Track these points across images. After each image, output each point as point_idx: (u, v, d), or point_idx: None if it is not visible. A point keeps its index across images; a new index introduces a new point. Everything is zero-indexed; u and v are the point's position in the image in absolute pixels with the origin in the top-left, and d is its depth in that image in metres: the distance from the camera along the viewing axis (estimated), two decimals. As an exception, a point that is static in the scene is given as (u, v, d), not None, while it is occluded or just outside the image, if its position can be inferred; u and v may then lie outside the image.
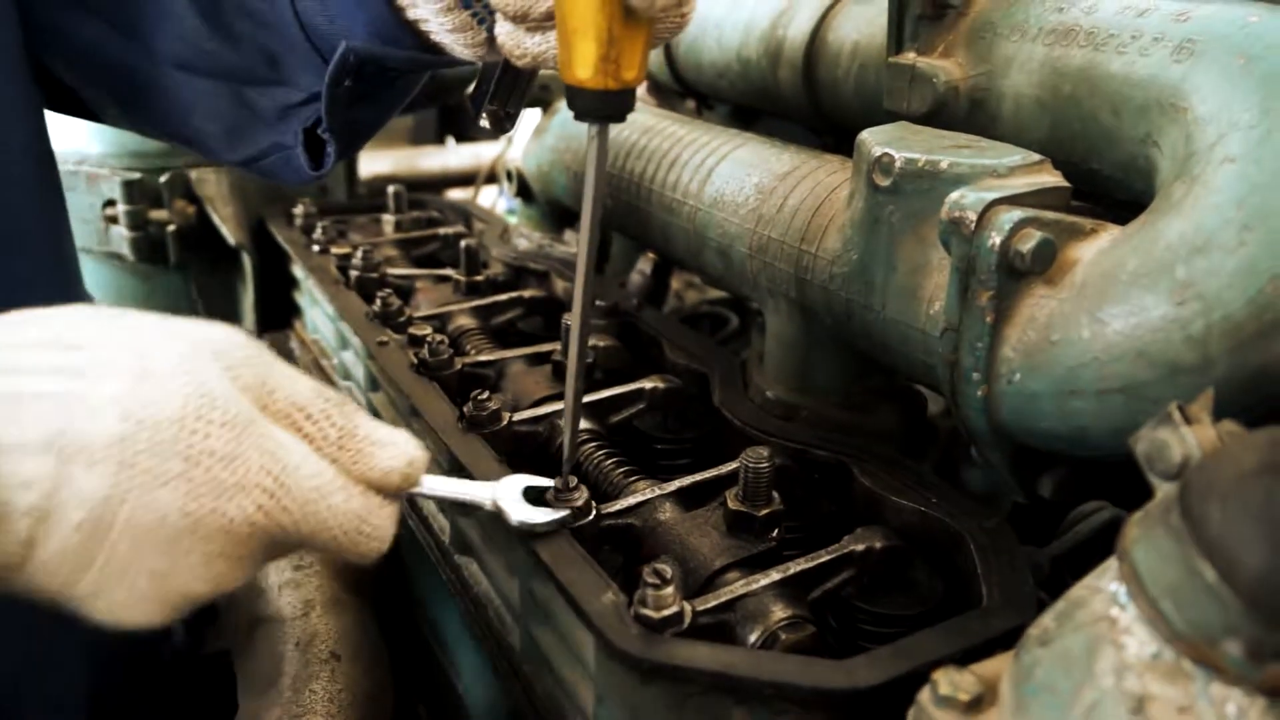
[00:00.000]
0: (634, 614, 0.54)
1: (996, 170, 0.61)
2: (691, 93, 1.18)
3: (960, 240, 0.58)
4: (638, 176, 0.97)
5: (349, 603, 0.87)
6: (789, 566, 0.60)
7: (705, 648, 0.52)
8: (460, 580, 0.79)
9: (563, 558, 0.61)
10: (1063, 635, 0.43)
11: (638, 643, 0.53)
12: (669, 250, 0.95)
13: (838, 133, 0.95)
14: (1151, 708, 0.38)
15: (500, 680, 0.71)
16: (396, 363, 0.92)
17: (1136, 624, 0.40)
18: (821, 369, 0.79)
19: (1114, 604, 0.42)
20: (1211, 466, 0.39)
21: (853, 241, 0.69)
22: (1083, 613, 0.43)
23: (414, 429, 0.88)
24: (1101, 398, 0.54)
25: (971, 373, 0.60)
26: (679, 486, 0.70)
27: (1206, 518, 0.38)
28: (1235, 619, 0.36)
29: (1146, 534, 0.41)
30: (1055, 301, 0.56)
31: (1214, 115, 0.55)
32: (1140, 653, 0.39)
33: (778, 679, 0.50)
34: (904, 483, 0.69)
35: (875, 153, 0.65)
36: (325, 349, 1.24)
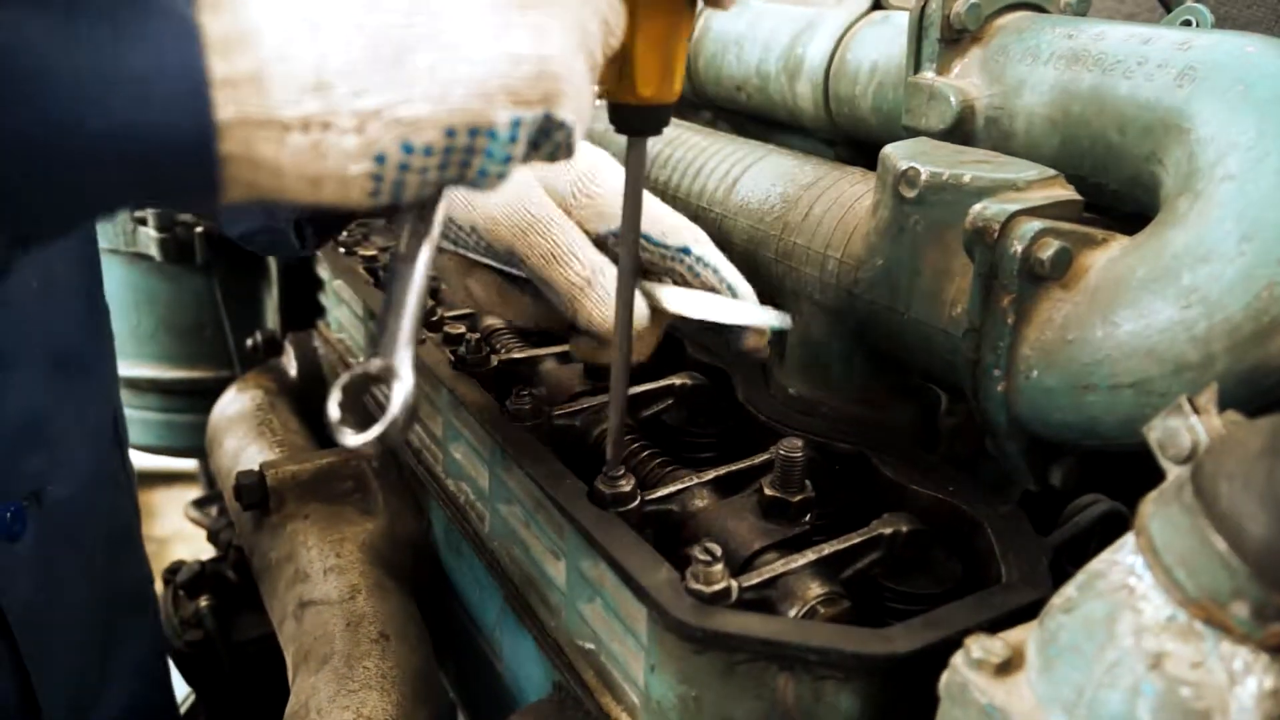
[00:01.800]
0: (687, 588, 0.59)
1: (1015, 184, 0.66)
2: (709, 105, 1.22)
3: (984, 248, 0.63)
4: (663, 185, 1.02)
5: (392, 588, 0.91)
6: (823, 548, 0.65)
7: (755, 617, 0.57)
8: (500, 566, 0.83)
9: (616, 539, 0.65)
10: (1085, 602, 0.48)
11: (692, 614, 0.57)
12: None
13: (853, 145, 0.99)
14: (1167, 663, 0.43)
15: (545, 656, 0.75)
16: (435, 360, 0.96)
17: (1153, 590, 0.45)
18: (841, 367, 0.83)
19: (1131, 574, 0.46)
20: (1222, 450, 0.44)
21: (878, 248, 0.74)
22: (1103, 582, 0.48)
23: (456, 422, 0.92)
24: (1113, 392, 0.59)
25: (993, 369, 0.64)
26: (715, 476, 0.74)
27: (1217, 495, 0.42)
28: (1242, 584, 0.41)
29: (1161, 510, 0.45)
30: (1071, 304, 0.61)
31: (1214, 136, 0.60)
32: (1157, 615, 0.44)
33: (822, 645, 0.54)
34: (922, 473, 0.74)
35: (901, 166, 0.70)
36: (351, 348, 1.28)
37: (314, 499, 1.02)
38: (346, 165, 0.47)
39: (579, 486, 0.71)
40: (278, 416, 1.23)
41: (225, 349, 1.53)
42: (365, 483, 1.04)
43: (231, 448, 1.20)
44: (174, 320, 1.52)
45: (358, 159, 0.47)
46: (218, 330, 1.51)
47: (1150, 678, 0.43)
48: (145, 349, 1.54)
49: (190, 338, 1.52)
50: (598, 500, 0.69)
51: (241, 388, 1.32)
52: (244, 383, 1.33)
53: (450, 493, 0.93)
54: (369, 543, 0.96)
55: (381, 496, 1.03)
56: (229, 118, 0.44)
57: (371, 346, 0.52)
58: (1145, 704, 0.43)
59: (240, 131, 0.44)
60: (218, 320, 1.50)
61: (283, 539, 0.98)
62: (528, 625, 0.78)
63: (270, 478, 1.01)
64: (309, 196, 0.48)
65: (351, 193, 0.48)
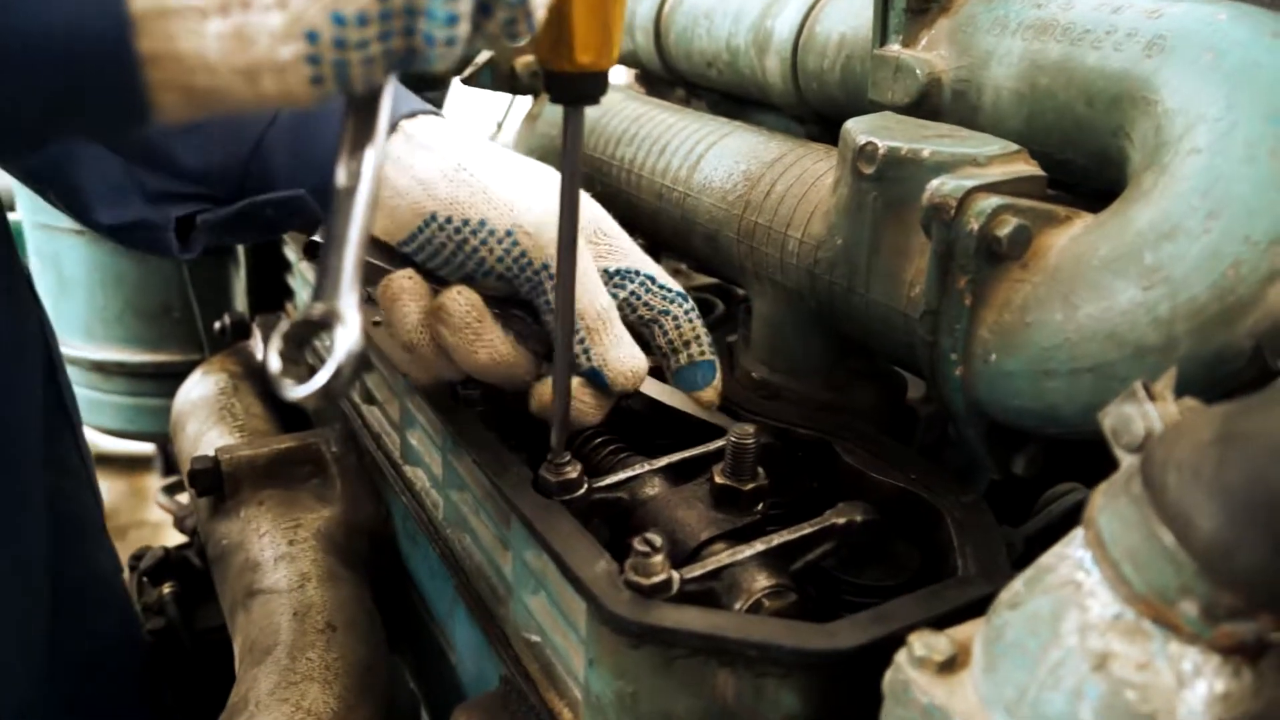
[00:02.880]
0: (625, 580, 0.56)
1: (976, 159, 0.63)
2: (680, 81, 1.19)
3: (941, 225, 0.60)
4: (627, 163, 0.99)
5: (344, 577, 0.89)
6: (772, 538, 0.62)
7: (694, 611, 0.54)
8: (453, 554, 0.81)
9: (557, 528, 0.63)
10: (1032, 598, 0.45)
11: (629, 607, 0.55)
12: (658, 235, 0.97)
13: (823, 122, 0.97)
14: (1113, 664, 0.41)
15: (493, 648, 0.73)
16: (390, 343, 0.93)
17: (1100, 587, 0.43)
18: (805, 351, 0.81)
19: (1080, 569, 0.44)
20: (1170, 438, 0.41)
21: (837, 227, 0.71)
22: (1050, 577, 0.45)
23: (411, 407, 0.90)
24: (1072, 377, 0.56)
25: (950, 353, 0.62)
26: (667, 463, 0.72)
27: (1165, 486, 0.40)
28: (1190, 580, 0.38)
29: (1111, 502, 0.43)
30: (1030, 285, 0.59)
31: (1182, 108, 0.58)
32: (1103, 613, 0.42)
33: (762, 640, 0.52)
34: (885, 459, 0.72)
35: (859, 141, 0.67)
36: (318, 330, 1.25)
37: (270, 485, 1.00)
38: (277, 49, 0.44)
39: (525, 474, 0.69)
40: (241, 400, 1.21)
41: (194, 332, 1.50)
42: (324, 468, 1.02)
43: (193, 432, 1.17)
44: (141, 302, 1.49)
45: (286, 39, 0.44)
46: (186, 312, 1.48)
47: (1094, 679, 0.41)
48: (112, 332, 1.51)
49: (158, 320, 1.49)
50: (542, 489, 0.67)
51: (206, 371, 1.29)
52: (209, 366, 1.31)
53: (407, 479, 0.91)
54: (324, 530, 0.94)
55: (340, 482, 1.00)
56: (143, 8, 0.41)
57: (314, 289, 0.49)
58: (1088, 707, 0.41)
59: (158, 25, 0.42)
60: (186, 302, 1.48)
61: (236, 526, 0.96)
62: (477, 616, 0.76)
63: (225, 463, 0.99)
64: (251, 96, 0.45)
65: (292, 83, 0.45)
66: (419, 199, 0.74)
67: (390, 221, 0.74)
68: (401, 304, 0.73)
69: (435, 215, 0.73)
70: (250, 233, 0.83)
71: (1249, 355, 0.53)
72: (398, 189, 0.74)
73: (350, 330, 0.46)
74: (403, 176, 0.75)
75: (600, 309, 0.74)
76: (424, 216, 0.73)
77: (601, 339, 0.73)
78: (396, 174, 0.75)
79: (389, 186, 0.74)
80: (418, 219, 0.73)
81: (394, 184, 0.74)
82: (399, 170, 0.75)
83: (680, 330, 0.77)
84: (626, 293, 0.76)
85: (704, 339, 0.78)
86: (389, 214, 0.74)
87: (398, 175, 0.75)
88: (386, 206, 0.74)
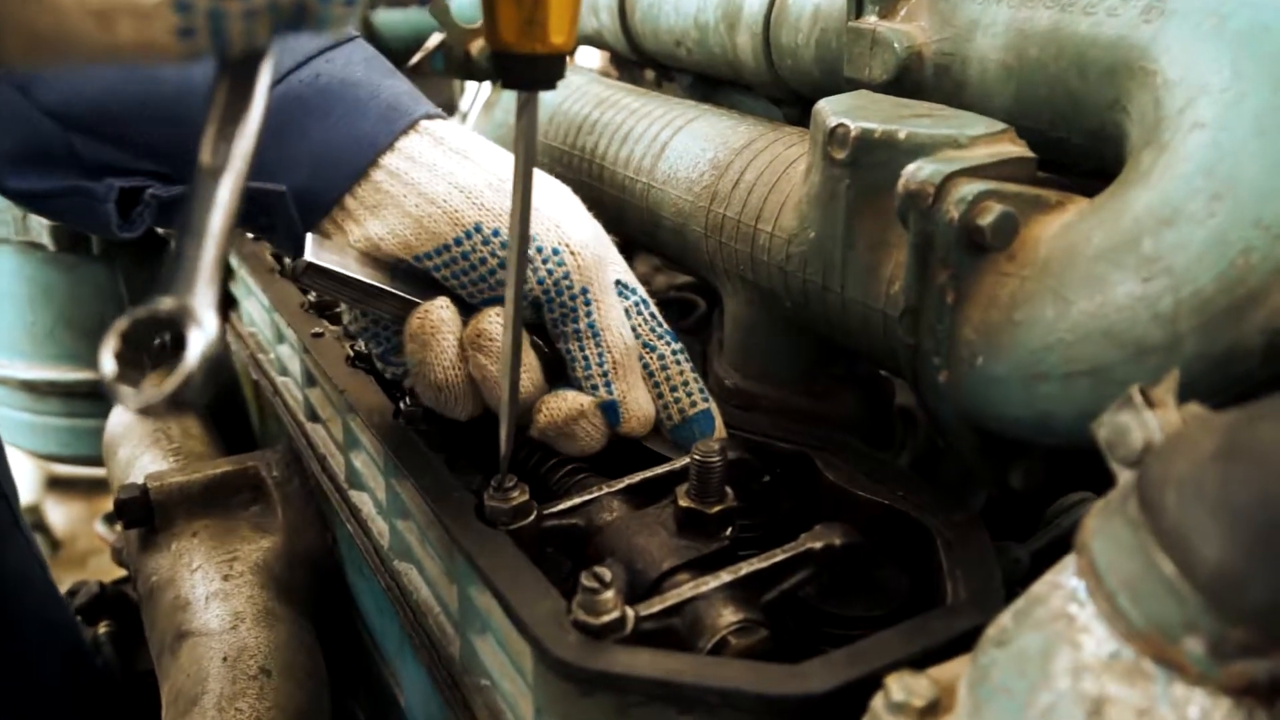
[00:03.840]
0: (572, 621, 0.54)
1: (957, 140, 0.60)
2: (650, 62, 1.17)
3: (918, 215, 0.57)
4: (589, 152, 0.97)
5: (282, 614, 0.86)
6: (740, 567, 0.60)
7: (647, 654, 0.52)
8: (400, 588, 0.78)
9: (500, 562, 0.60)
10: (1020, 634, 0.43)
11: (575, 650, 0.52)
12: (624, 230, 0.94)
13: (801, 103, 0.94)
14: (1109, 711, 0.38)
15: (440, 693, 0.70)
16: (332, 356, 0.91)
17: (1095, 621, 0.40)
18: (781, 355, 0.78)
19: (1073, 600, 0.42)
20: (1169, 452, 0.39)
21: (810, 218, 0.69)
22: (1041, 610, 0.43)
23: (351, 425, 0.88)
24: (1067, 381, 0.54)
25: (932, 356, 0.59)
26: (627, 484, 0.69)
27: (1163, 506, 0.37)
28: (1195, 614, 0.36)
29: (1105, 524, 0.40)
30: (1018, 280, 0.56)
31: (1184, 78, 0.55)
32: (1098, 652, 0.39)
33: (724, 685, 0.49)
34: (869, 475, 0.69)
35: (830, 123, 0.65)
36: (262, 343, 1.23)
37: (205, 514, 0.97)
38: None
39: (468, 501, 0.66)
40: (178, 422, 1.18)
41: (133, 347, 1.47)
42: (264, 494, 1.00)
43: (125, 457, 1.15)
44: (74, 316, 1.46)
45: None
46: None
47: (1089, 729, 0.38)
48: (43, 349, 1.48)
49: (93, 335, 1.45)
50: (487, 517, 0.64)
51: (142, 390, 1.26)
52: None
53: (353, 505, 0.89)
54: (263, 563, 0.91)
55: (281, 510, 0.98)
56: None
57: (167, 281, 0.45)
58: (1081, 760, 0.38)
59: None
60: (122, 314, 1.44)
61: (166, 560, 0.93)
62: (423, 657, 0.73)
63: (155, 491, 0.97)
64: (105, 43, 0.41)
65: (155, 33, 0.41)
66: (459, 208, 0.71)
67: (415, 232, 0.71)
68: (441, 337, 0.71)
69: (480, 226, 0.70)
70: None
71: (1262, 354, 0.51)
72: (431, 196, 0.71)
73: (206, 331, 0.43)
74: (438, 183, 0.71)
75: (627, 343, 0.73)
76: (465, 228, 0.70)
77: (625, 375, 0.73)
78: (429, 180, 0.71)
79: (417, 193, 0.71)
80: (456, 230, 0.70)
81: (426, 191, 0.71)
82: (433, 176, 0.71)
83: (667, 372, 0.76)
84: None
85: (694, 385, 0.76)
86: (415, 223, 0.70)
87: (431, 182, 0.71)
88: (412, 215, 0.70)
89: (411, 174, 0.71)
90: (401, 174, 0.71)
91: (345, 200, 0.72)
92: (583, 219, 0.74)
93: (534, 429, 0.74)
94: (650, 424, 0.75)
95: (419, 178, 0.71)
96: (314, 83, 0.72)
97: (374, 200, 0.71)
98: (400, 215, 0.71)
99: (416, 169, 0.72)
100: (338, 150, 0.71)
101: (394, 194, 0.71)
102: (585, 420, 0.73)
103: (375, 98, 0.73)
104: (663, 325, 0.77)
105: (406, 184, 0.71)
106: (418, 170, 0.72)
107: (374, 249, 0.71)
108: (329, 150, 0.71)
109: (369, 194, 0.71)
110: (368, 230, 0.71)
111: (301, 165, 0.71)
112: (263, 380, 1.17)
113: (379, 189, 0.71)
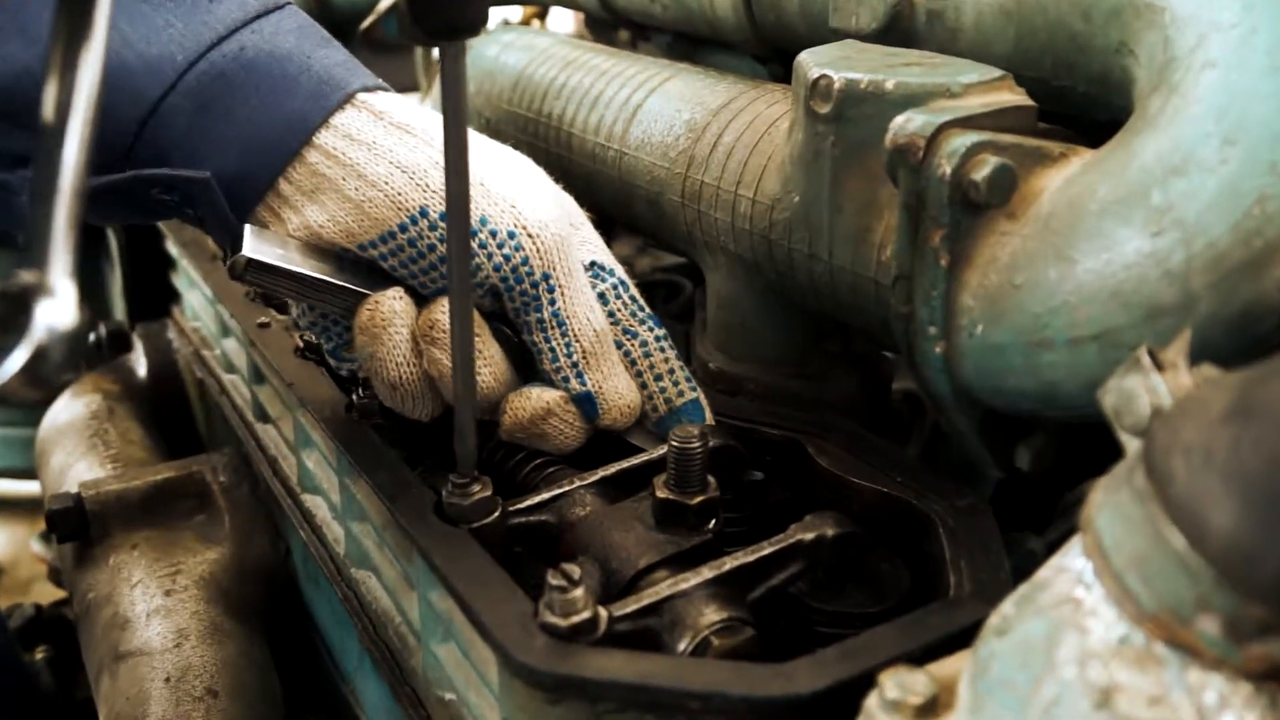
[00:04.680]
0: (540, 624, 0.53)
1: (950, 89, 0.60)
2: (624, 22, 1.16)
3: (908, 171, 0.57)
4: (557, 119, 0.96)
5: (231, 631, 0.86)
6: (724, 562, 0.60)
7: (620, 657, 0.51)
8: (358, 598, 0.78)
9: (461, 562, 0.60)
10: (1022, 622, 0.43)
11: (543, 655, 0.52)
12: (597, 203, 0.94)
13: (786, 61, 0.94)
14: (1119, 700, 0.38)
15: (404, 710, 0.70)
16: (279, 347, 0.90)
17: (1103, 604, 0.40)
18: (768, 333, 0.79)
19: (1079, 583, 0.42)
20: (1176, 416, 0.39)
21: (793, 181, 0.69)
22: (1045, 595, 0.43)
23: (301, 422, 0.87)
24: (1073, 347, 0.53)
25: (927, 326, 0.59)
26: (601, 476, 0.69)
27: (1171, 475, 0.37)
28: (1208, 592, 0.36)
29: (1111, 499, 0.40)
30: (1018, 239, 0.56)
31: (1194, 14, 0.55)
32: (1106, 637, 0.39)
33: (704, 689, 0.49)
34: (867, 461, 0.69)
35: (813, 75, 0.65)
36: (207, 338, 1.22)
37: (145, 524, 0.97)
38: None
39: (427, 498, 0.66)
40: (116, 426, 1.18)
41: (66, 346, 1.46)
42: (210, 501, 0.99)
43: (58, 465, 1.15)
44: None
45: None
46: (55, 324, 1.44)
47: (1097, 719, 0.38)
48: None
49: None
50: (447, 514, 0.64)
51: (77, 392, 1.26)
52: (80, 386, 1.28)
53: (306, 510, 0.88)
54: (209, 576, 0.91)
55: (229, 518, 0.98)
56: None
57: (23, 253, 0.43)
58: (1090, 755, 0.38)
59: None
60: (54, 312, 1.43)
61: (104, 575, 0.93)
62: (384, 671, 0.73)
63: (90, 500, 0.96)
64: None
65: None
66: (402, 190, 0.69)
67: (356, 218, 0.70)
68: (394, 331, 0.70)
69: (426, 210, 0.69)
70: (130, 213, 0.77)
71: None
72: (371, 178, 0.69)
73: (61, 304, 0.42)
74: (378, 163, 0.70)
75: (597, 329, 0.73)
76: (409, 212, 0.69)
77: (599, 364, 0.72)
78: (369, 160, 0.70)
79: (356, 175, 0.70)
80: (400, 215, 0.69)
81: (365, 172, 0.70)
82: (372, 156, 0.70)
83: (650, 359, 0.75)
84: (595, 292, 0.75)
85: (680, 373, 0.76)
86: (355, 209, 0.69)
87: (371, 162, 0.70)
88: (352, 200, 0.69)
89: (349, 154, 0.70)
90: (338, 154, 0.70)
91: (280, 186, 0.71)
92: (543, 197, 0.73)
93: (501, 431, 0.73)
94: (635, 413, 0.75)
95: (357, 157, 0.70)
96: (239, 57, 0.71)
97: (311, 184, 0.70)
98: (340, 200, 0.70)
99: (354, 148, 0.70)
100: (267, 131, 0.70)
101: (331, 177, 0.70)
102: (555, 418, 0.72)
103: (307, 71, 0.71)
104: (644, 309, 0.77)
105: (344, 165, 0.70)
106: (356, 149, 0.70)
107: (315, 238, 0.71)
108: (257, 131, 0.70)
109: (305, 178, 0.70)
110: (307, 218, 0.70)
111: (229, 150, 0.70)
112: (208, 378, 1.17)
113: (315, 172, 0.70)
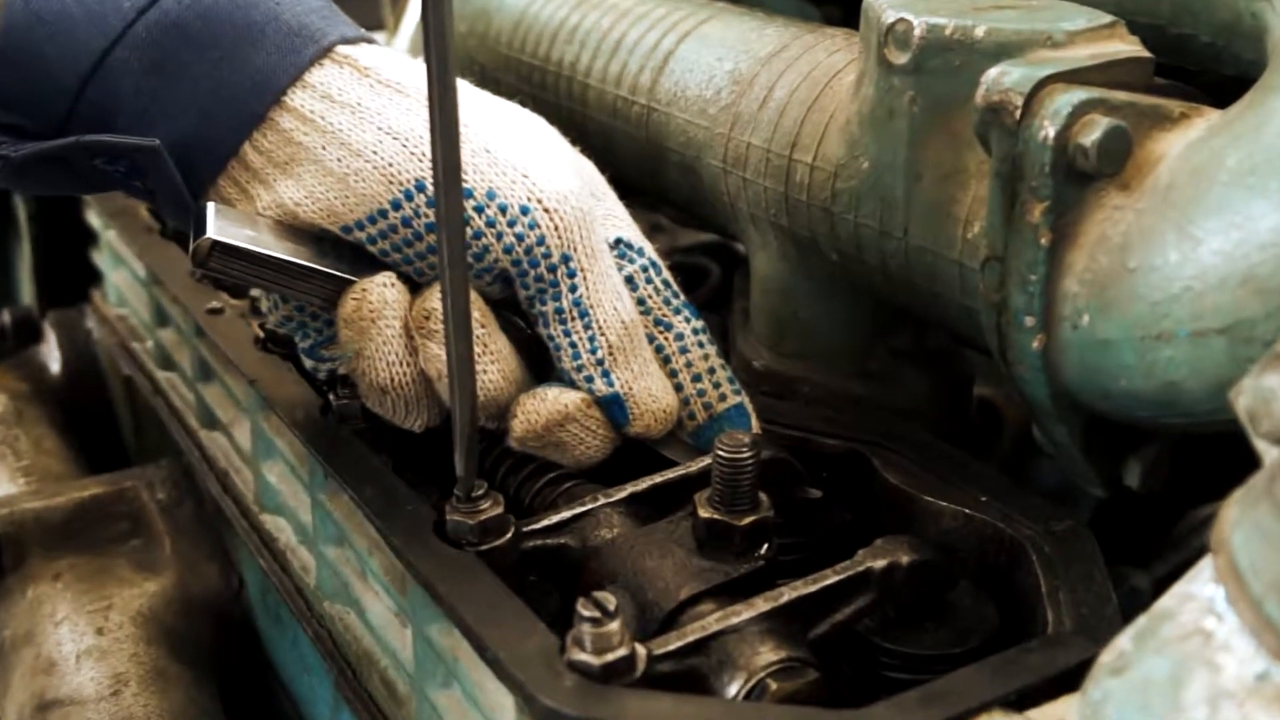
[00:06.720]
0: (568, 661, 0.56)
1: (1051, 37, 0.63)
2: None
3: (1003, 134, 0.60)
4: (569, 67, 0.99)
5: (176, 675, 0.88)
6: (781, 593, 0.62)
7: (666, 701, 0.54)
8: (332, 638, 0.80)
9: (470, 591, 0.62)
10: (1142, 659, 0.45)
11: (573, 697, 0.54)
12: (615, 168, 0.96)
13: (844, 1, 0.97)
14: (1259, 747, 0.40)
15: (391, 770, 0.73)
16: (235, 338, 0.93)
17: (1237, 636, 0.42)
18: (825, 325, 0.81)
19: (1209, 613, 0.44)
20: (1329, 418, 0.41)
21: (861, 144, 0.71)
22: (1169, 627, 0.45)
23: (263, 428, 0.89)
24: (1196, 341, 0.56)
25: (1024, 316, 0.62)
26: (631, 492, 0.71)
27: (1322, 487, 0.40)
28: (1365, 621, 0.38)
29: (1248, 515, 0.43)
30: (1133, 213, 0.58)
31: (1342, -48, 0.58)
32: (1241, 674, 0.41)
33: (765, 739, 0.52)
34: (943, 477, 0.72)
35: (888, 19, 0.67)
36: (136, 328, 1.25)
37: (69, 551, 0.99)
38: None
39: (426, 516, 0.68)
40: (27, 431, 1.21)
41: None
42: (147, 523, 1.02)
43: (-43, 480, 1.17)
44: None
45: None
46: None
47: (1232, 768, 0.41)
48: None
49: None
50: (449, 535, 0.66)
51: (-22, 392, 1.29)
52: (-18, 384, 1.30)
53: (266, 533, 0.91)
54: (148, 612, 0.94)
55: (169, 542, 1.00)
56: None
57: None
58: (1224, 814, 0.40)
59: None
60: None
61: (21, 610, 0.95)
62: (367, 724, 0.75)
63: (2, 522, 0.98)
64: None
65: None
66: (394, 161, 0.71)
67: (340, 194, 0.72)
68: (384, 324, 0.72)
69: (423, 184, 0.71)
70: (69, 185, 0.81)
71: None
72: (357, 147, 0.71)
73: None
74: (365, 129, 0.72)
75: (626, 321, 0.74)
76: (403, 186, 0.71)
77: (628, 361, 0.74)
78: (354, 125, 0.72)
79: (338, 144, 0.72)
80: (392, 190, 0.71)
81: (350, 140, 0.72)
82: (358, 120, 0.72)
83: (687, 356, 0.78)
84: (622, 275, 0.77)
85: (722, 373, 0.78)
86: (338, 183, 0.72)
87: (356, 127, 0.72)
88: (334, 173, 0.72)
89: (329, 117, 0.72)
90: (316, 118, 0.72)
91: (246, 155, 0.73)
92: (560, 164, 0.75)
93: (511, 439, 0.75)
94: (672, 418, 0.77)
95: (340, 122, 0.72)
96: (195, 4, 0.73)
97: (284, 154, 0.72)
98: (319, 173, 0.72)
99: (336, 111, 0.73)
100: (229, 90, 0.72)
101: (309, 146, 0.72)
102: (575, 424, 0.74)
103: (275, 20, 0.74)
104: (679, 296, 0.79)
105: (324, 132, 0.72)
106: (337, 112, 0.72)
107: (290, 217, 0.73)
108: (218, 90, 0.72)
109: (276, 145, 0.73)
110: (280, 194, 0.73)
111: (185, 112, 0.72)
112: (138, 376, 1.19)
113: (289, 139, 0.72)
